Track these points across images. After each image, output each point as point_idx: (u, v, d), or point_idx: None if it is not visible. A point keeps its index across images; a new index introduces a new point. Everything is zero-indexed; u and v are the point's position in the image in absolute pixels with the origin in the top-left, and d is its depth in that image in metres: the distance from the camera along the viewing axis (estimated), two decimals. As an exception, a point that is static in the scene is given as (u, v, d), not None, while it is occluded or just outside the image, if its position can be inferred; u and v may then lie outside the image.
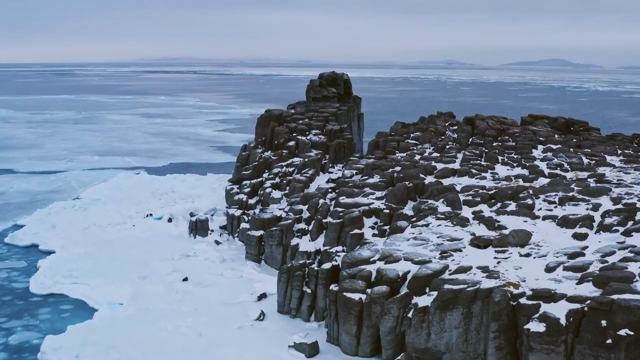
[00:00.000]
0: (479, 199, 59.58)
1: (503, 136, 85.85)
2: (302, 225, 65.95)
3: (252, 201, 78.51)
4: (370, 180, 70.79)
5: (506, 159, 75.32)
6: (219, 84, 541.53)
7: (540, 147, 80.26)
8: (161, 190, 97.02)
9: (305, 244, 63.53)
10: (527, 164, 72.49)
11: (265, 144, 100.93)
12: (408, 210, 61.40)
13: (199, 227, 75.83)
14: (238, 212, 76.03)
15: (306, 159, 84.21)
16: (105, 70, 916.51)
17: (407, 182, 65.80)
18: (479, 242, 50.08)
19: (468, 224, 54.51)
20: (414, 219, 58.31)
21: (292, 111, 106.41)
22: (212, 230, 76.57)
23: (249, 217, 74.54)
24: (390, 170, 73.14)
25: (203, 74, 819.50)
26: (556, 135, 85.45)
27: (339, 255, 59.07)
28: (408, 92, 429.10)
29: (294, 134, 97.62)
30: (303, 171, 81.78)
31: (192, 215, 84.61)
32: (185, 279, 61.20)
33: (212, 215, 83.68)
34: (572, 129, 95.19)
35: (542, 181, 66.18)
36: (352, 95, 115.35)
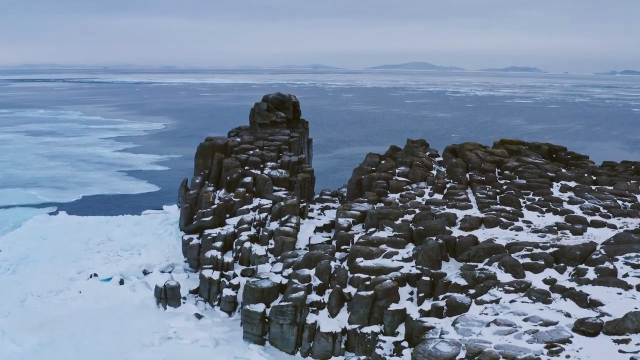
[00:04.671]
0: (542, 262, 49.90)
1: (503, 171, 76.70)
2: (314, 296, 54.12)
3: (228, 259, 65.62)
4: (382, 234, 59.58)
5: (528, 202, 66.06)
6: (93, 93, 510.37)
7: (554, 184, 71.67)
8: (95, 239, 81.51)
9: (326, 322, 51.89)
10: (558, 209, 63.41)
11: (210, 178, 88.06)
12: (454, 276, 50.74)
13: (169, 296, 61.99)
14: (216, 275, 62.81)
15: (282, 203, 72.19)
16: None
17: (435, 238, 55.29)
18: (586, 328, 40.28)
19: (551, 299, 44.72)
20: (472, 290, 47.93)
21: (238, 139, 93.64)
22: (185, 298, 63.07)
23: (231, 282, 61.90)
24: (400, 220, 62.36)
25: (72, 82, 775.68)
26: (563, 169, 77.20)
27: (383, 341, 48.20)
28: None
29: (247, 168, 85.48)
30: (282, 219, 69.76)
31: (145, 273, 70.94)
32: (184, 379, 48.10)
33: (170, 272, 70.52)
34: (554, 155, 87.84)
35: (593, 232, 57.43)
36: (300, 119, 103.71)
